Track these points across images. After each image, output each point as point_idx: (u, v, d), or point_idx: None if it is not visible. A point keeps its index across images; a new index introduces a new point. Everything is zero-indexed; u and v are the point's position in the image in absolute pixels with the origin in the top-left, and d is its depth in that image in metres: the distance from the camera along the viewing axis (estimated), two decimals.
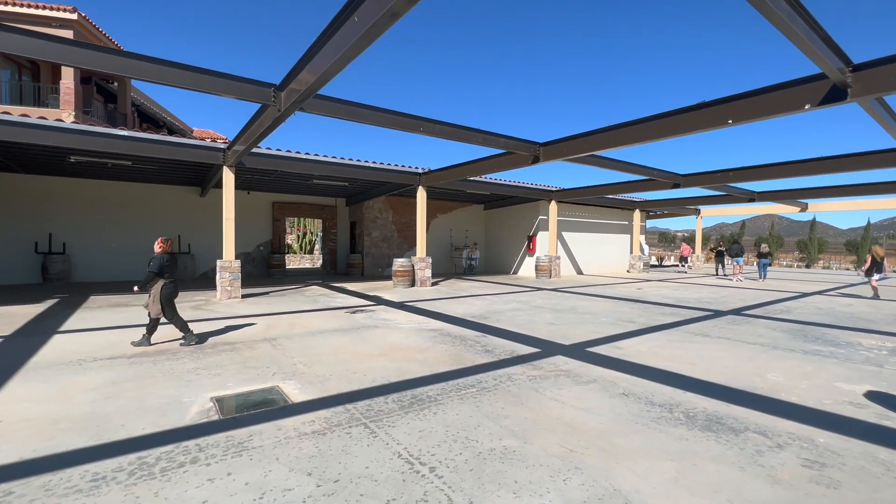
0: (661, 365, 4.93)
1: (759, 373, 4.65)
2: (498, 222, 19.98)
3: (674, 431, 3.20)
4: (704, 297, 11.38)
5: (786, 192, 16.39)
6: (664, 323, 7.48)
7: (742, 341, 6.14)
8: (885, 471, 2.68)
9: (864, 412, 3.61)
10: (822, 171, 10.72)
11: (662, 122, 6.97)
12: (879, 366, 4.99)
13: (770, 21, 3.85)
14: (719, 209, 23.17)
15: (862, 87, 4.98)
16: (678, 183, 12.86)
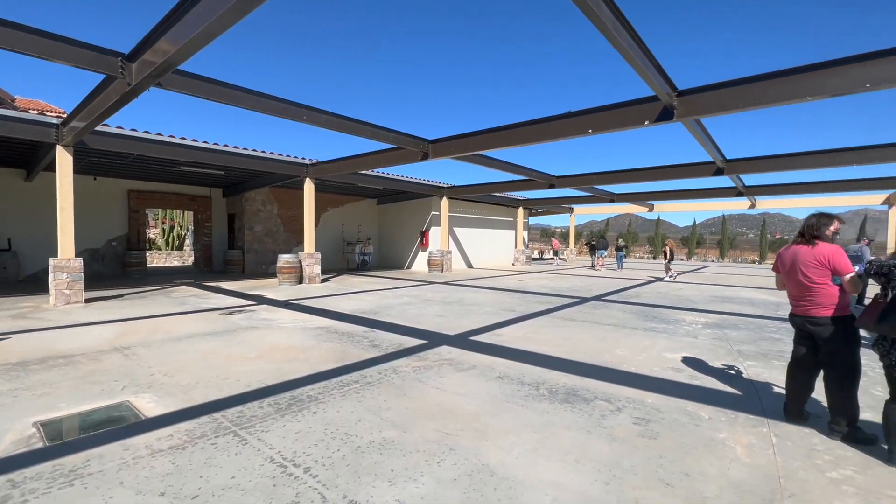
0: (533, 348, 5.44)
1: (610, 349, 5.42)
2: (391, 217, 19.98)
3: (538, 406, 3.57)
4: (574, 286, 12.82)
5: (637, 195, 19.23)
6: (539, 310, 8.26)
7: (599, 323, 7.07)
8: (689, 420, 3.33)
9: (681, 375, 4.44)
10: (662, 178, 12.79)
11: (537, 128, 7.64)
12: (695, 337, 6.17)
13: (618, 51, 4.47)
14: (588, 208, 26.18)
15: (684, 110, 6.05)
16: (553, 183, 14.24)
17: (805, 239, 3.21)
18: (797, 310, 3.25)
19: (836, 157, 9.87)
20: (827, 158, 9.97)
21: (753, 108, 5.62)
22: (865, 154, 9.57)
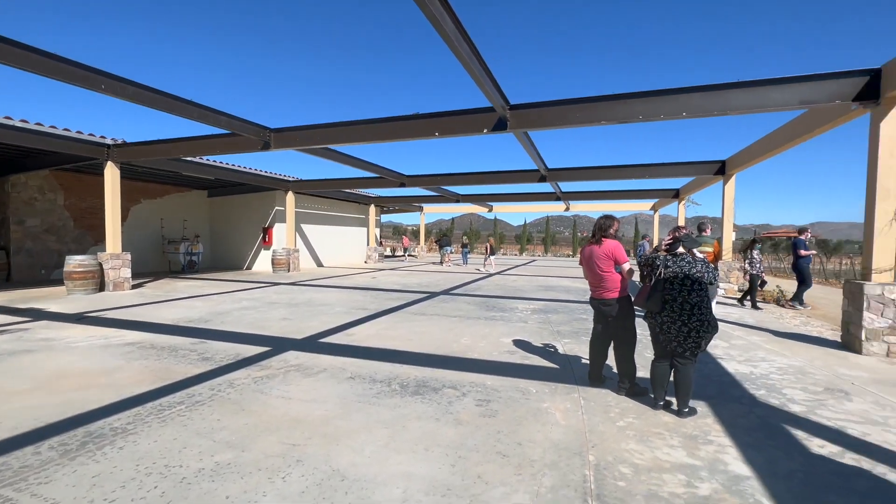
0: (385, 345, 5.48)
1: (456, 339, 5.82)
2: (227, 212, 17.77)
3: (390, 402, 3.61)
4: (424, 281, 13.39)
5: (479, 196, 21.08)
6: (391, 307, 8.37)
7: (447, 315, 7.53)
8: (521, 395, 3.80)
9: (514, 356, 5.03)
10: (498, 182, 14.27)
11: (387, 126, 7.71)
12: (525, 322, 7.06)
13: (460, 61, 4.80)
14: (437, 207, 27.60)
15: (515, 122, 6.86)
16: (404, 182, 14.59)
17: (595, 238, 3.95)
18: (594, 294, 3.99)
19: (622, 172, 12.45)
20: (616, 173, 12.50)
21: (565, 126, 6.69)
22: (638, 171, 12.31)
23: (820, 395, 3.90)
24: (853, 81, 5.41)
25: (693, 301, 3.27)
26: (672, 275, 3.35)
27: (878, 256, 5.40)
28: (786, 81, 5.70)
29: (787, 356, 5.20)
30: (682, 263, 3.36)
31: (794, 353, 5.36)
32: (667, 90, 6.16)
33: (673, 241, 3.49)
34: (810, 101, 5.63)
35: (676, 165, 12.06)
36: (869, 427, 3.26)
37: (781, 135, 7.98)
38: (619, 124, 6.60)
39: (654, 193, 18.32)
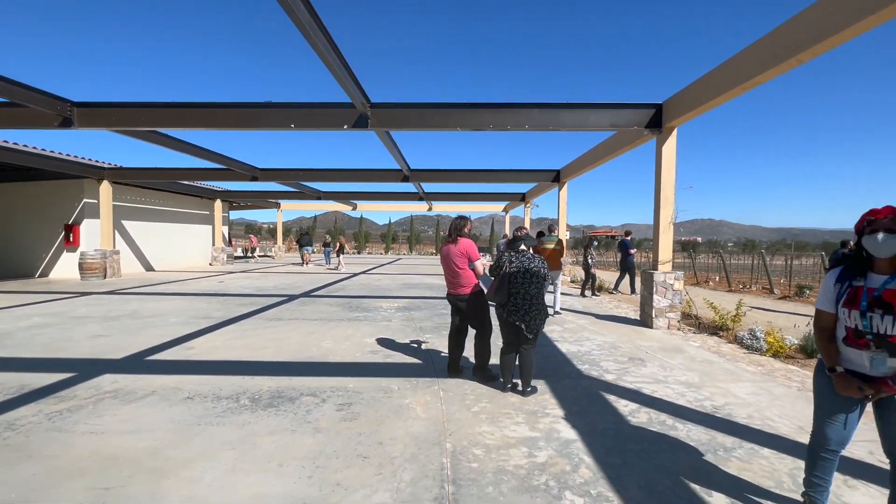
0: (234, 356, 4.92)
1: (317, 343, 5.54)
2: (10, 204, 13.80)
3: (238, 419, 3.25)
4: (282, 284, 12.44)
5: (343, 194, 20.47)
6: (242, 313, 7.56)
7: (307, 319, 7.12)
8: (383, 394, 3.81)
9: (377, 356, 5.02)
10: (363, 180, 14.08)
11: (235, 112, 6.91)
12: (389, 320, 7.11)
13: (315, 52, 4.56)
14: (297, 204, 25.82)
15: (376, 120, 6.83)
16: (257, 176, 13.32)
17: (451, 238, 4.18)
18: (450, 290, 4.23)
19: (476, 176, 13.45)
20: (471, 176, 13.45)
21: (425, 129, 6.93)
22: (491, 176, 13.46)
23: (625, 364, 4.82)
24: (645, 112, 6.81)
25: (532, 292, 3.71)
26: (515, 269, 3.74)
27: (662, 251, 6.91)
28: (601, 107, 6.88)
29: (605, 335, 6.29)
30: (523, 259, 3.78)
31: (610, 331, 6.52)
32: (513, 104, 6.86)
33: (514, 239, 3.90)
34: (617, 124, 6.90)
35: (522, 172, 13.56)
36: (656, 385, 4.14)
37: (600, 150, 9.61)
38: (473, 131, 7.11)
39: (505, 197, 20.30)
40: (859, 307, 1.88)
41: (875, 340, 1.85)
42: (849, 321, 1.93)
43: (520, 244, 3.87)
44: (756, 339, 5.62)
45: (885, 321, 1.82)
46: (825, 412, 2.07)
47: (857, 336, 1.90)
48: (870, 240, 1.87)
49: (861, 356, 1.92)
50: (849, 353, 1.97)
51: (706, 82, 5.68)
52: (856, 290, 1.92)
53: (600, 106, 6.87)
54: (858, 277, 1.94)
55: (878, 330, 1.84)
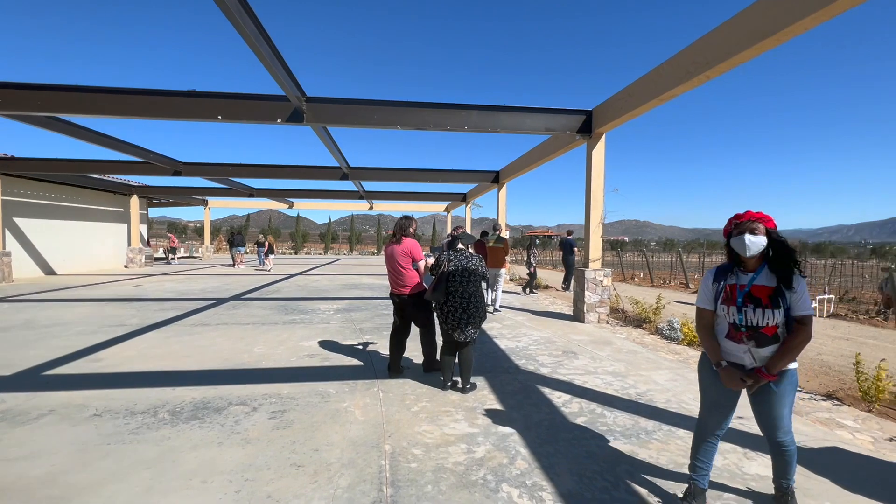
0: (152, 367, 4.50)
1: (248, 349, 5.22)
2: None
3: (155, 435, 2.97)
4: (211, 287, 11.59)
5: (278, 192, 19.52)
6: (163, 319, 6.94)
7: (238, 323, 6.70)
8: (320, 399, 3.67)
9: (314, 360, 4.84)
10: (300, 177, 13.51)
11: (150, 100, 6.31)
12: (328, 322, 6.88)
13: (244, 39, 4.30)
14: (227, 201, 24.18)
15: (312, 115, 6.57)
16: (180, 170, 12.30)
17: (396, 237, 4.17)
18: (393, 290, 4.18)
19: (418, 175, 13.43)
20: (413, 175, 13.41)
21: (364, 126, 6.78)
22: (432, 175, 13.51)
23: (559, 358, 5.05)
24: (577, 118, 7.18)
25: (470, 291, 3.76)
26: (454, 268, 3.78)
27: (593, 250, 7.33)
28: (536, 111, 7.15)
29: (541, 330, 6.55)
30: (461, 258, 3.82)
31: (546, 327, 6.79)
32: (454, 104, 6.92)
33: (452, 239, 3.94)
34: (552, 129, 7.21)
35: (462, 173, 13.74)
36: (587, 376, 4.38)
37: (536, 153, 9.99)
38: (414, 130, 7.08)
39: (447, 196, 20.46)
40: (735, 303, 2.04)
41: (748, 332, 2.02)
42: (728, 317, 2.09)
43: (457, 243, 3.91)
44: (674, 329, 6.14)
45: (756, 314, 2.00)
46: (709, 403, 2.22)
47: (736, 330, 2.06)
48: (737, 241, 2.05)
49: (740, 349, 2.08)
50: (729, 347, 2.12)
51: (629, 93, 6.10)
52: (731, 288, 2.09)
53: (536, 110, 7.13)
54: (731, 276, 2.12)
55: (751, 322, 2.01)
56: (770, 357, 2.03)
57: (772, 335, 2.00)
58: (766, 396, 2.08)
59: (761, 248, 2.01)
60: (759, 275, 2.05)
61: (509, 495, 2.36)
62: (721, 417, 2.19)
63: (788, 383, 2.05)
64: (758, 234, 2.02)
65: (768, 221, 2.05)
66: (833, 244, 66.86)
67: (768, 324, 1.99)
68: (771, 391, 2.07)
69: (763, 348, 2.03)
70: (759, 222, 2.04)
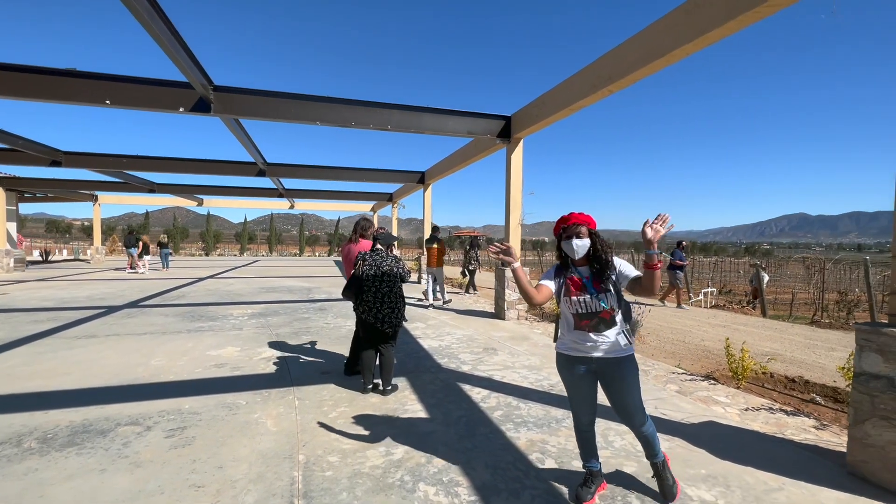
0: (17, 388, 3.86)
1: (144, 361, 4.69)
2: None
3: (17, 469, 2.54)
4: (100, 293, 10.24)
5: (184, 187, 17.82)
6: (36, 332, 5.98)
7: (132, 334, 5.99)
8: (228, 412, 3.41)
9: (223, 370, 4.48)
10: (210, 172, 12.44)
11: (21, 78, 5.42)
12: (241, 329, 6.41)
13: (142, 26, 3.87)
14: (122, 197, 21.54)
15: (221, 106, 6.09)
16: (60, 161, 10.73)
17: (354, 237, 4.32)
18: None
19: (342, 174, 13.07)
20: (337, 174, 13.02)
21: (280, 120, 6.44)
22: (357, 174, 13.22)
23: (480, 355, 5.20)
24: (497, 122, 7.45)
25: (384, 290, 3.75)
26: (367, 268, 3.77)
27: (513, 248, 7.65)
28: (459, 114, 7.30)
29: (463, 328, 6.70)
30: (377, 258, 3.81)
31: (468, 325, 6.96)
32: (376, 103, 6.82)
33: (374, 239, 3.91)
34: (473, 132, 7.41)
35: (389, 172, 13.62)
36: (505, 371, 4.56)
37: (459, 156, 10.20)
38: (335, 127, 6.87)
39: (373, 196, 20.14)
40: (588, 291, 2.18)
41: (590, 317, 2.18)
42: (574, 308, 2.22)
43: (376, 243, 3.87)
44: None
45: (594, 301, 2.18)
46: (573, 400, 2.36)
47: (581, 319, 2.20)
48: (566, 245, 2.23)
49: (587, 337, 2.20)
50: (574, 336, 2.25)
51: (543, 102, 6.47)
52: (571, 281, 2.24)
53: (459, 113, 7.28)
54: (568, 272, 2.27)
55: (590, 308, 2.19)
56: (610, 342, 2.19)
57: (609, 318, 2.17)
58: (614, 385, 2.23)
59: (587, 249, 2.22)
60: (589, 269, 2.24)
61: (426, 494, 2.37)
62: (587, 410, 2.35)
63: (629, 369, 2.21)
64: (583, 238, 2.21)
65: (592, 223, 2.26)
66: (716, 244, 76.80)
67: (603, 310, 2.16)
68: (617, 380, 2.21)
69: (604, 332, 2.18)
70: (583, 225, 2.22)
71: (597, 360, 2.23)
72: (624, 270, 2.23)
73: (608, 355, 2.20)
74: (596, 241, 2.24)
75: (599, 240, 2.25)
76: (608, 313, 2.18)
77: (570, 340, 2.28)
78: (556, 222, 2.31)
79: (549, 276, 2.33)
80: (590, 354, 2.22)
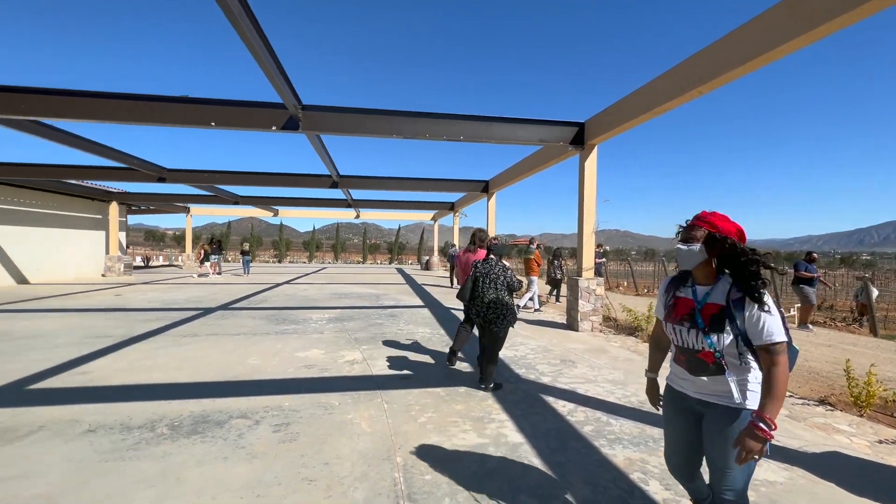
0: (143, 380, 4.35)
1: (242, 360, 5.10)
2: None
3: (156, 451, 2.86)
4: (195, 296, 11.30)
5: (263, 199, 19.25)
6: (149, 330, 6.72)
7: (228, 334, 6.53)
8: (324, 411, 3.60)
9: (312, 371, 4.75)
10: (287, 185, 13.36)
11: (139, 105, 6.18)
12: (321, 332, 6.77)
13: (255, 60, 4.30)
14: (209, 209, 23.70)
15: (308, 123, 6.53)
16: (164, 177, 12.05)
17: (473, 246, 4.76)
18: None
19: (408, 184, 13.45)
20: (403, 184, 13.43)
21: (361, 135, 6.78)
22: (422, 184, 13.55)
23: (558, 367, 5.07)
24: (570, 129, 7.32)
25: (491, 297, 4.08)
26: (479, 274, 4.19)
27: (586, 259, 7.43)
28: (530, 122, 7.26)
29: (536, 339, 6.58)
30: (488, 267, 4.18)
31: (541, 336, 6.83)
32: (449, 115, 6.97)
33: (487, 248, 4.32)
34: (545, 140, 7.33)
35: (452, 182, 13.82)
36: (588, 385, 4.41)
37: (527, 164, 10.12)
38: (408, 139, 7.11)
39: (435, 205, 20.52)
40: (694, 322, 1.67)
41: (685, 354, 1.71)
42: (670, 334, 1.77)
43: (490, 253, 4.27)
44: None
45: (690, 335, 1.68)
46: (665, 438, 1.98)
47: (680, 351, 1.74)
48: (676, 249, 1.74)
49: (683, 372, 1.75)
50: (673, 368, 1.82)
51: (621, 107, 6.26)
52: (679, 302, 1.76)
53: (529, 121, 7.24)
54: (684, 287, 1.78)
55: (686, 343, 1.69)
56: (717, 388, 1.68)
57: (712, 363, 1.65)
58: (713, 435, 1.71)
59: (696, 261, 1.67)
60: (715, 290, 1.68)
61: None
62: (669, 451, 1.94)
63: (735, 428, 1.62)
64: (692, 243, 1.67)
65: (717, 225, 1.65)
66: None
67: (703, 349, 1.66)
68: (718, 430, 1.67)
69: (701, 377, 1.70)
70: (701, 227, 1.67)
71: (696, 401, 1.77)
72: (761, 326, 1.54)
73: (709, 398, 1.72)
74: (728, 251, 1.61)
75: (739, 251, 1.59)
76: (710, 356, 1.64)
77: (672, 371, 1.88)
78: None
79: (660, 293, 1.93)
80: (686, 391, 1.81)
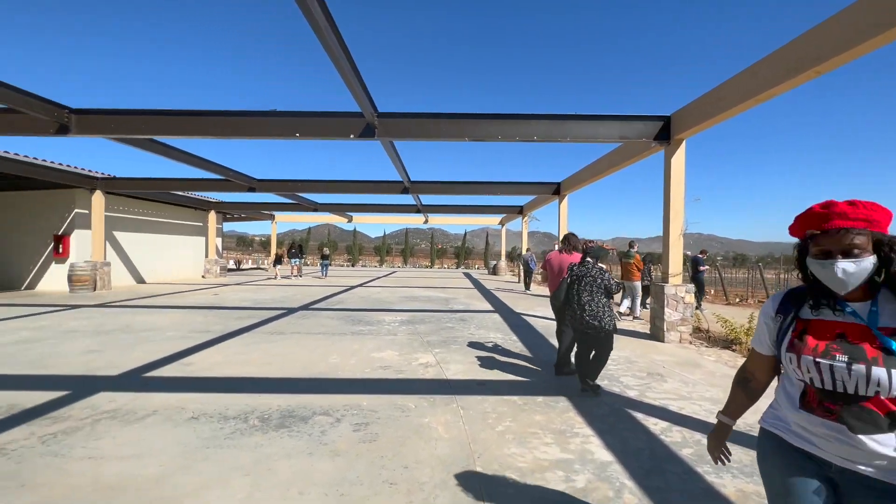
0: (237, 373, 4.69)
1: (323, 359, 5.32)
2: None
3: (249, 441, 3.03)
4: (279, 296, 12.15)
5: (339, 206, 20.31)
6: (241, 327, 7.30)
7: (310, 333, 6.89)
8: (401, 413, 3.61)
9: (388, 372, 4.82)
10: (362, 191, 13.95)
11: (234, 121, 6.76)
12: (395, 334, 6.90)
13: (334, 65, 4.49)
14: (290, 216, 25.53)
15: (383, 130, 6.72)
16: (254, 187, 13.13)
17: (568, 249, 4.97)
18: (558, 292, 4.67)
19: (478, 188, 13.40)
20: (473, 188, 13.39)
21: (433, 139, 6.83)
22: (491, 188, 13.41)
23: (645, 380, 4.67)
24: (654, 124, 6.80)
25: (585, 299, 4.01)
26: (575, 276, 4.17)
27: (672, 263, 6.83)
28: (609, 119, 6.85)
29: (618, 349, 6.11)
30: (583, 270, 4.15)
31: (623, 346, 6.37)
32: (522, 115, 6.81)
33: (583, 252, 4.31)
34: (626, 136, 6.87)
35: (522, 185, 13.54)
36: (682, 402, 3.99)
37: (603, 163, 9.60)
38: (479, 142, 7.04)
39: (503, 209, 20.28)
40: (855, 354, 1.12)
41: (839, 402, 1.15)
42: (807, 373, 1.19)
43: (586, 256, 4.24)
44: None
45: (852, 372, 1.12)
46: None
47: (823, 397, 1.17)
48: (820, 268, 1.18)
49: (821, 428, 1.17)
50: (804, 422, 1.22)
51: (716, 95, 5.68)
52: (818, 325, 1.22)
53: (609, 118, 6.85)
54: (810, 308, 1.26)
55: (842, 386, 1.13)
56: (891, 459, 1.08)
57: (885, 414, 1.09)
58: None
59: (865, 277, 1.15)
60: (883, 308, 1.16)
61: None
62: None
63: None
64: (862, 257, 1.13)
65: (878, 221, 1.13)
66: None
67: (878, 393, 1.10)
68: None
69: (865, 436, 1.10)
70: (860, 228, 1.13)
71: (843, 472, 1.18)
72: None
73: (874, 475, 1.12)
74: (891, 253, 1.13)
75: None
76: (885, 404, 1.09)
77: (794, 421, 1.26)
78: (799, 216, 1.26)
79: (766, 317, 1.36)
80: (825, 457, 1.20)
